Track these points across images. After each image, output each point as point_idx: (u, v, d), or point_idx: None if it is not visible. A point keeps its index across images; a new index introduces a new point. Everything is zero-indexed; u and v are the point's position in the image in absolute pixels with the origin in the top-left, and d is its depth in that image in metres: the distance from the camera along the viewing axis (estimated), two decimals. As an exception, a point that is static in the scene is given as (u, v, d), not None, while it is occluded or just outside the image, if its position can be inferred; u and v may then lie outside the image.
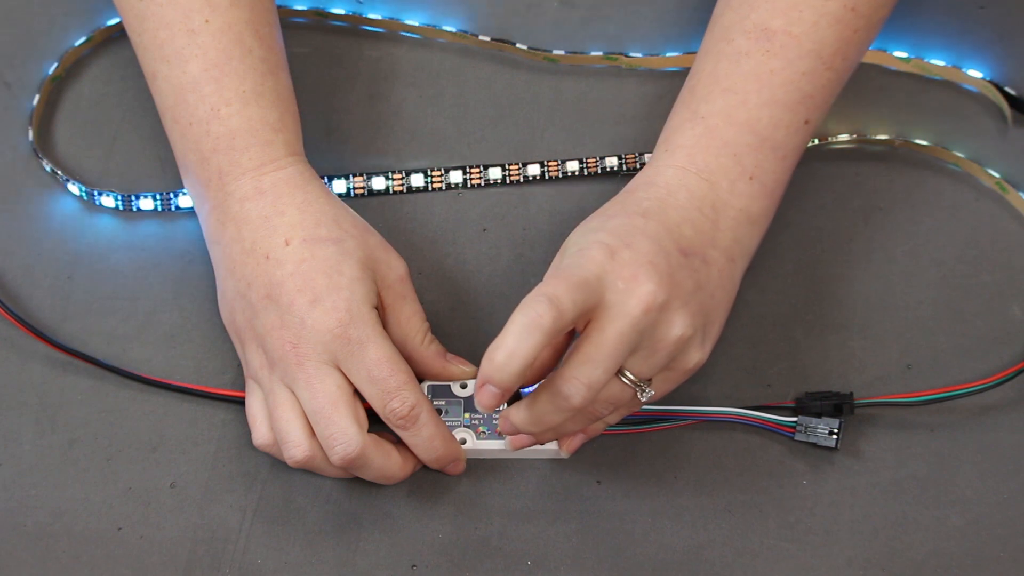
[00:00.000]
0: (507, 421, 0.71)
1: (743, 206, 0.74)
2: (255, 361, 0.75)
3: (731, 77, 0.75)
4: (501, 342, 0.66)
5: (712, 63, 0.76)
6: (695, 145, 0.74)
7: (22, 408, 0.80)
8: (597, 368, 0.67)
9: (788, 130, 0.75)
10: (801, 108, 0.75)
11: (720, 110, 0.74)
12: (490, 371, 0.66)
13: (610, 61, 0.89)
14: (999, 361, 0.80)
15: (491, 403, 0.67)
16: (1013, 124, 0.86)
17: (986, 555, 0.75)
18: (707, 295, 0.71)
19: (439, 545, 0.76)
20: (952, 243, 0.83)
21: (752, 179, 0.74)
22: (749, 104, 0.74)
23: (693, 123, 0.75)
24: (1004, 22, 0.89)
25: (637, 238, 0.70)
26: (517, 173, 0.86)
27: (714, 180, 0.73)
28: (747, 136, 0.74)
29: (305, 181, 0.77)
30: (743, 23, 0.76)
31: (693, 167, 0.73)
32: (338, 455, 0.73)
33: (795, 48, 0.75)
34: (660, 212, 0.72)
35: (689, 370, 0.72)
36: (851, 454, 0.78)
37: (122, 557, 0.76)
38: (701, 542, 0.76)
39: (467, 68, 0.89)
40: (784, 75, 0.75)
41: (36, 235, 0.85)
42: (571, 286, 0.67)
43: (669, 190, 0.73)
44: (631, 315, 0.67)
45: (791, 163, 0.76)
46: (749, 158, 0.74)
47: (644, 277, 0.68)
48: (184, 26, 0.77)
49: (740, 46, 0.75)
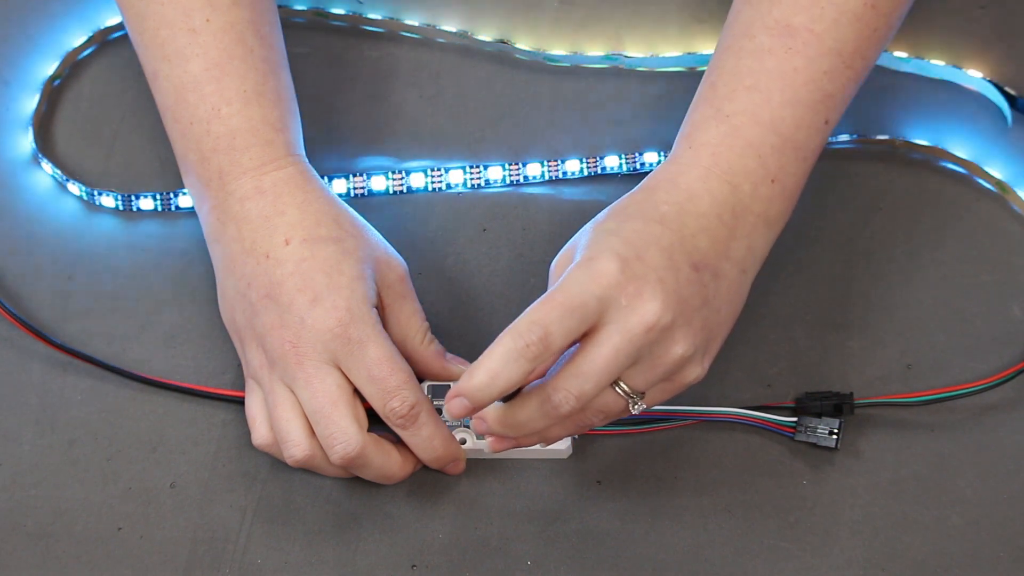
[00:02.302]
0: (482, 422, 0.70)
1: (762, 210, 0.73)
2: (255, 361, 0.75)
3: (754, 74, 0.74)
4: (485, 363, 0.66)
5: (734, 59, 0.75)
6: (720, 144, 0.73)
7: (22, 408, 0.80)
8: (589, 382, 0.67)
9: (809, 130, 0.74)
10: (822, 108, 0.74)
11: (744, 108, 0.73)
12: (468, 389, 0.67)
13: (610, 61, 0.89)
14: (999, 361, 0.80)
15: (460, 415, 0.68)
16: (1013, 124, 0.86)
17: (986, 555, 0.75)
18: (713, 310, 0.71)
19: (439, 545, 0.76)
20: (952, 243, 0.83)
21: (774, 182, 0.73)
22: (772, 103, 0.73)
23: (718, 121, 0.74)
24: (1004, 22, 0.89)
25: (650, 250, 0.69)
26: (517, 173, 0.86)
27: (737, 183, 0.72)
28: (771, 137, 0.73)
29: (305, 181, 0.77)
30: (764, 19, 0.75)
31: (717, 168, 0.72)
32: (338, 455, 0.73)
33: (817, 46, 0.74)
34: (678, 219, 0.71)
35: (686, 384, 0.71)
36: (851, 454, 0.78)
37: (122, 557, 0.76)
38: (701, 542, 0.76)
39: (467, 68, 0.89)
40: (806, 74, 0.74)
41: (36, 235, 0.85)
42: (566, 312, 0.66)
43: (691, 194, 0.72)
44: (631, 332, 0.67)
45: (810, 165, 0.75)
46: (772, 160, 0.73)
47: (649, 295, 0.67)
48: (185, 25, 0.77)
49: (762, 43, 0.75)
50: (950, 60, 0.87)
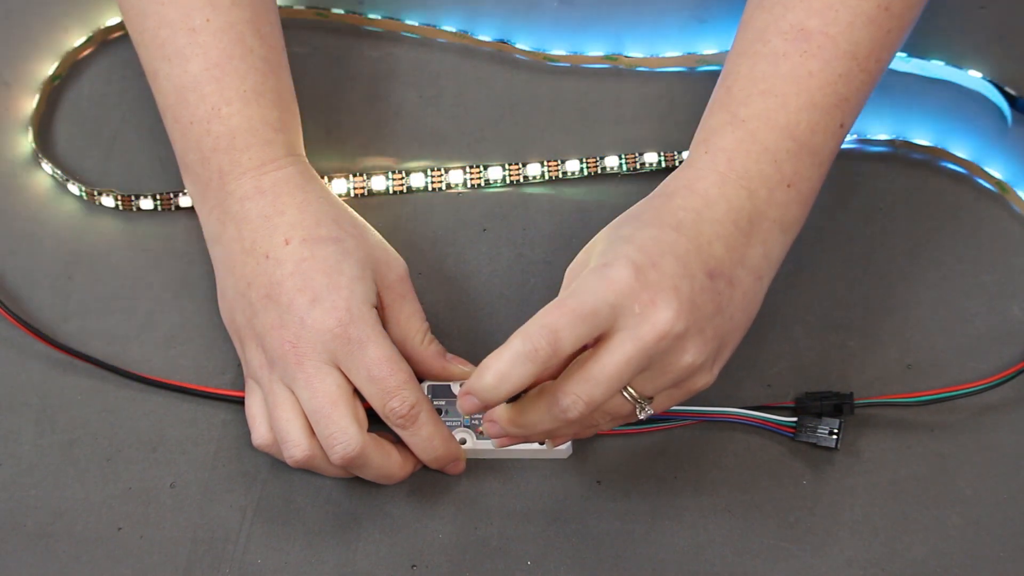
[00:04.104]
0: (495, 425, 0.71)
1: (778, 215, 0.73)
2: (255, 361, 0.75)
3: (769, 79, 0.74)
4: (495, 363, 0.66)
5: (749, 64, 0.75)
6: (736, 149, 0.73)
7: (22, 408, 0.80)
8: (599, 388, 0.67)
9: (825, 135, 0.74)
10: (837, 112, 0.74)
11: (760, 113, 0.73)
12: (478, 387, 0.67)
13: (610, 61, 0.89)
14: (999, 361, 0.80)
15: (471, 411, 0.68)
16: (1013, 124, 0.86)
17: (986, 555, 0.75)
18: (726, 318, 0.70)
19: (439, 545, 0.76)
20: (952, 243, 0.83)
21: (790, 187, 0.73)
22: (788, 108, 0.73)
23: (734, 126, 0.73)
24: (1004, 22, 0.89)
25: (666, 257, 0.69)
26: (517, 173, 0.86)
27: (753, 188, 0.72)
28: (787, 141, 0.73)
29: (305, 181, 0.77)
30: (779, 23, 0.74)
31: (733, 173, 0.72)
32: (338, 455, 0.73)
33: (832, 49, 0.74)
34: (695, 226, 0.71)
35: (694, 391, 0.71)
36: (851, 454, 0.78)
37: (122, 557, 0.76)
38: (701, 542, 0.76)
39: (467, 68, 0.89)
40: (822, 77, 0.73)
41: (36, 235, 0.85)
42: (577, 318, 0.66)
43: (707, 201, 0.72)
44: (643, 340, 0.67)
45: (826, 169, 0.75)
46: (788, 165, 0.73)
47: (663, 303, 0.67)
48: (185, 25, 0.77)
49: (777, 47, 0.74)
50: (950, 60, 0.87)
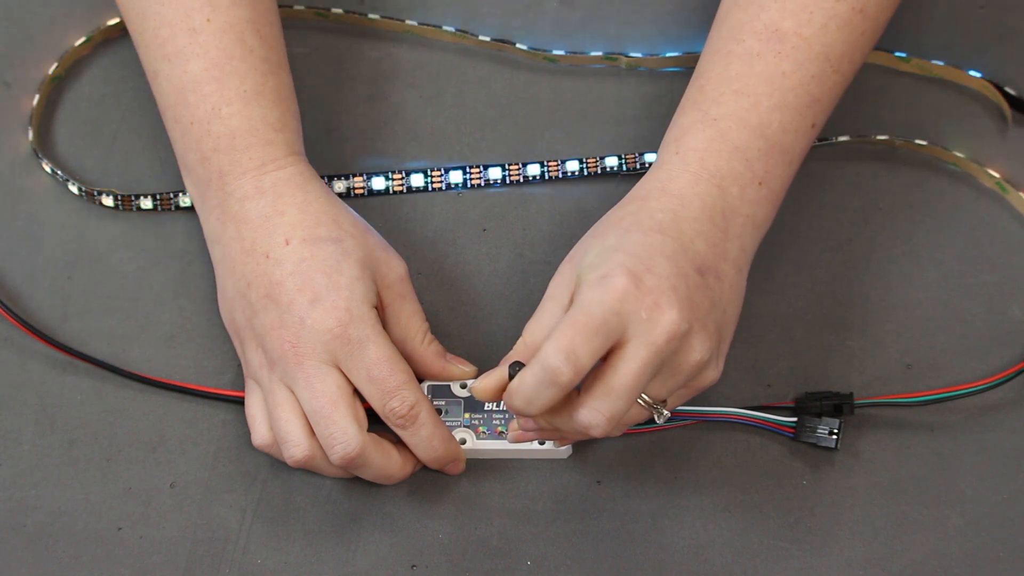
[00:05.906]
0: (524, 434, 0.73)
1: (750, 212, 0.73)
2: (255, 361, 0.75)
3: (742, 79, 0.74)
4: (519, 388, 0.68)
5: (722, 63, 0.75)
6: (707, 149, 0.73)
7: (22, 408, 0.80)
8: (620, 400, 0.68)
9: (796, 135, 0.75)
10: (809, 112, 0.75)
11: (732, 112, 0.74)
12: (511, 405, 0.69)
13: (610, 61, 0.89)
14: (999, 361, 0.80)
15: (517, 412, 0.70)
16: (1013, 124, 0.86)
17: (986, 555, 0.75)
18: (720, 312, 0.71)
19: (439, 545, 0.76)
20: (952, 243, 0.83)
21: (761, 184, 0.74)
22: (761, 108, 0.74)
23: (704, 125, 0.74)
24: (1004, 22, 0.89)
25: (657, 260, 0.69)
26: (517, 173, 0.86)
27: (724, 186, 0.73)
28: (758, 141, 0.74)
29: (305, 181, 0.77)
30: (753, 23, 0.75)
31: (705, 172, 0.73)
32: (338, 455, 0.73)
33: (805, 50, 0.74)
34: (675, 226, 0.71)
35: (703, 388, 0.72)
36: (851, 454, 0.78)
37: (122, 557, 0.76)
38: (701, 542, 0.76)
39: (467, 68, 0.89)
40: (794, 78, 0.74)
41: (36, 235, 0.85)
42: (590, 333, 0.67)
43: (683, 200, 0.72)
44: (655, 344, 0.67)
45: (796, 168, 0.76)
46: (759, 163, 0.74)
47: (667, 305, 0.68)
48: (185, 25, 0.77)
49: (751, 47, 0.75)
50: (950, 60, 0.87)
